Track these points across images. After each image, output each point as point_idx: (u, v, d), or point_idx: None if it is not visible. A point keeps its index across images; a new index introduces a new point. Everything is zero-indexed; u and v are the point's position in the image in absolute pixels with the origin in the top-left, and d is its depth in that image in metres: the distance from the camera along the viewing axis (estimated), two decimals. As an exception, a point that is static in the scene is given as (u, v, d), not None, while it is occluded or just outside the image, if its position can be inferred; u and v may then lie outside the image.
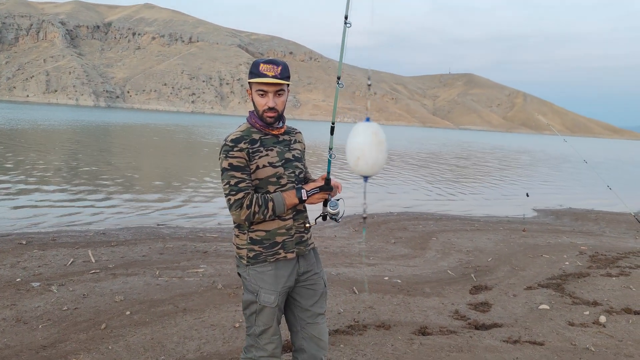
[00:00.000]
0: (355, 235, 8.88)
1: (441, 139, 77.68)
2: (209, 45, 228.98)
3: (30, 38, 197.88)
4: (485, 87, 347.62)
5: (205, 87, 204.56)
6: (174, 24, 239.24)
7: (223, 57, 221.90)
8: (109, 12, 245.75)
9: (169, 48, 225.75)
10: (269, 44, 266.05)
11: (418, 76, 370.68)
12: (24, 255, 6.08)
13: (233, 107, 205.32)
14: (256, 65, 2.41)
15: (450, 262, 7.23)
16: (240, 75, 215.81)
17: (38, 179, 12.80)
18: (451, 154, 37.86)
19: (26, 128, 33.35)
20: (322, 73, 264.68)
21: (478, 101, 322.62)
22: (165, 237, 7.62)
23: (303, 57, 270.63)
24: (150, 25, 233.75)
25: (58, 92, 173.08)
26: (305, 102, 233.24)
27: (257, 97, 2.44)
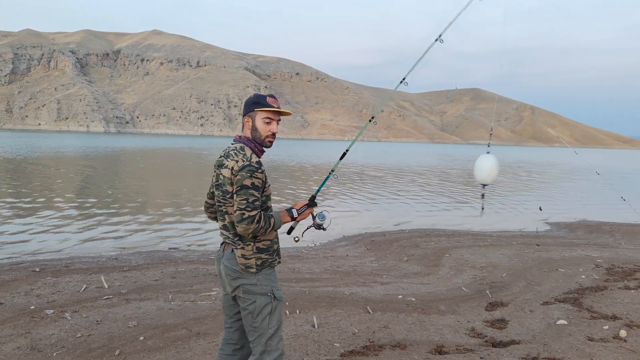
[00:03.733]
0: (367, 254, 8.83)
1: (450, 154, 77.54)
2: (217, 69, 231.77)
3: (42, 67, 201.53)
4: (493, 101, 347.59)
5: (214, 110, 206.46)
6: (182, 49, 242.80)
7: (230, 80, 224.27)
8: (118, 39, 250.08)
9: (177, 73, 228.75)
10: (276, 65, 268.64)
11: (425, 92, 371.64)
12: (38, 282, 6.10)
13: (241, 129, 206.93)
14: (263, 98, 2.85)
15: (464, 279, 7.15)
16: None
17: (50, 205, 12.91)
18: (460, 169, 37.70)
19: (38, 155, 33.77)
20: (329, 92, 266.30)
21: (486, 115, 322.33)
22: (177, 261, 7.62)
23: (309, 77, 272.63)
24: (158, 51, 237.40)
25: (69, 119, 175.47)
26: (313, 122, 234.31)
27: (262, 125, 2.82)
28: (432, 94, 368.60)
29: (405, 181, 25.26)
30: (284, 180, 23.02)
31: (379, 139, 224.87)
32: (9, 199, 13.77)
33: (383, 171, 32.36)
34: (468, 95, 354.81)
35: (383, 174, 29.63)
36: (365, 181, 24.29)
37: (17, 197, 14.22)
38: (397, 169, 35.58)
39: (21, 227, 9.99)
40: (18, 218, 10.96)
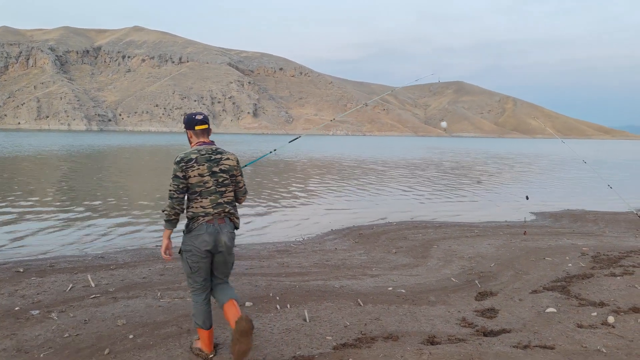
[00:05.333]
0: (356, 247, 8.83)
1: (436, 147, 77.99)
2: (199, 65, 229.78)
3: (20, 65, 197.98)
4: (476, 94, 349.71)
5: (197, 106, 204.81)
6: (164, 45, 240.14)
7: (214, 76, 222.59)
8: (98, 36, 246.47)
9: (160, 69, 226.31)
10: (259, 60, 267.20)
11: (408, 86, 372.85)
12: (22, 283, 5.99)
13: (226, 124, 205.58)
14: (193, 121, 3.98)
15: (453, 270, 7.18)
16: (231, 94, 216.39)
17: (33, 204, 12.69)
18: (448, 161, 37.95)
19: (19, 155, 33.21)
20: (313, 87, 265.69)
21: (469, 108, 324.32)
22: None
23: (293, 72, 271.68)
24: (140, 48, 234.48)
25: (50, 117, 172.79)
26: (298, 117, 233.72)
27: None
28: (416, 88, 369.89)
29: (391, 174, 25.34)
30: (286, 175, 22.96)
31: (364, 133, 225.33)
32: (-10, 199, 13.51)
33: (368, 164, 32.42)
34: (451, 89, 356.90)
35: (369, 167, 29.68)
36: (352, 174, 24.32)
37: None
38: (383, 161, 35.68)
39: (2, 227, 9.80)
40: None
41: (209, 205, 3.72)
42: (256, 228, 10.72)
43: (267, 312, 5.03)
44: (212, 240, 3.69)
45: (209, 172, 3.73)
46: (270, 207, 13.76)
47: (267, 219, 11.96)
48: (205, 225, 3.69)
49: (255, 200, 14.89)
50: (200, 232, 3.70)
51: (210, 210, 3.71)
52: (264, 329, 4.59)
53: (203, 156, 3.75)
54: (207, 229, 3.68)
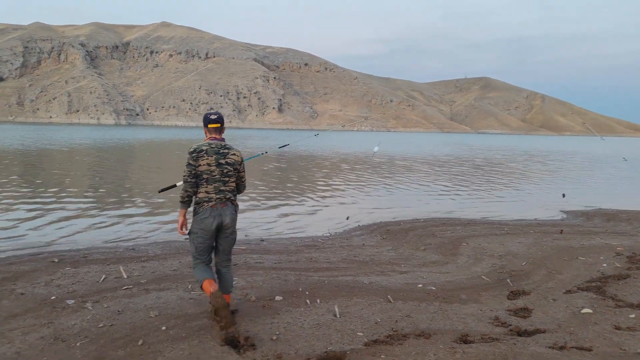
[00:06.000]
0: (383, 243, 8.78)
1: (463, 143, 76.93)
2: (226, 60, 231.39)
3: (52, 61, 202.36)
4: (502, 90, 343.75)
5: (223, 101, 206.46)
6: (191, 41, 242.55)
7: (240, 72, 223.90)
8: (127, 32, 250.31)
9: (186, 64, 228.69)
10: (284, 56, 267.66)
11: (434, 82, 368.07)
12: (57, 273, 6.12)
13: (251, 120, 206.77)
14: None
15: (483, 268, 7.08)
16: (257, 89, 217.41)
17: (66, 196, 12.96)
18: (478, 158, 37.39)
19: (53, 148, 33.99)
20: (338, 83, 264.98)
21: (495, 104, 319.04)
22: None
23: (318, 67, 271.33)
24: (168, 43, 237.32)
25: (80, 112, 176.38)
26: (322, 113, 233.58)
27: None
28: (441, 84, 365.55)
29: (418, 170, 25.10)
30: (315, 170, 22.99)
31: (388, 129, 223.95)
32: (25, 190, 13.85)
33: (396, 160, 32.20)
34: (477, 85, 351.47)
35: (396, 163, 29.48)
36: (379, 170, 24.18)
37: (32, 188, 14.30)
38: (410, 157, 35.38)
39: (38, 218, 10.03)
40: (34, 209, 11.01)
41: (213, 191, 4.39)
42: (283, 222, 10.75)
43: (297, 307, 5.03)
44: (215, 221, 4.37)
45: (215, 163, 4.41)
46: (297, 201, 13.79)
47: (294, 213, 11.97)
48: (209, 210, 4.36)
49: (282, 194, 14.94)
50: (205, 216, 4.36)
51: (213, 195, 4.39)
52: (294, 323, 4.59)
53: (212, 149, 4.44)
54: (211, 212, 4.36)
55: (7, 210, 10.76)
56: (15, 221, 9.70)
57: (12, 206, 11.31)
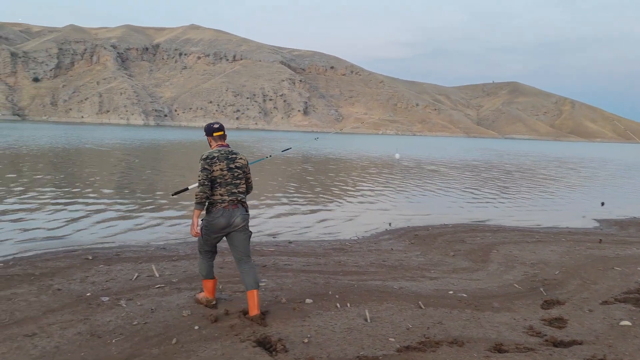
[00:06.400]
0: (412, 248, 8.70)
1: (491, 148, 75.81)
2: (252, 63, 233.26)
3: (85, 62, 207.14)
4: (531, 95, 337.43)
5: (249, 103, 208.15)
6: (219, 43, 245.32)
7: (266, 74, 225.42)
8: (157, 34, 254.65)
9: (214, 67, 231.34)
10: (311, 59, 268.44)
11: (461, 86, 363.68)
12: (92, 270, 6.24)
13: (276, 122, 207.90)
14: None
15: (515, 276, 6.95)
16: (283, 91, 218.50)
17: (97, 194, 13.21)
18: (507, 163, 36.81)
19: (87, 147, 34.74)
20: (363, 86, 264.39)
21: (523, 110, 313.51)
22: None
23: (344, 71, 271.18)
24: (196, 45, 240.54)
25: (110, 112, 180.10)
26: (348, 116, 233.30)
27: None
28: (469, 88, 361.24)
29: (447, 174, 24.83)
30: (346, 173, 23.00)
31: (414, 133, 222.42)
32: (59, 188, 14.18)
33: (424, 164, 31.92)
34: (505, 89, 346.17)
35: (425, 167, 29.23)
36: (407, 174, 24.02)
37: (66, 187, 14.63)
38: (438, 162, 35.03)
39: (71, 216, 10.25)
40: (68, 207, 11.26)
41: (225, 193, 4.70)
42: (310, 225, 10.75)
43: (327, 310, 5.02)
44: (225, 221, 4.67)
45: (227, 167, 4.74)
46: (324, 204, 13.79)
47: (321, 216, 11.97)
48: (221, 210, 4.67)
49: (310, 197, 14.96)
50: (217, 215, 4.68)
51: (226, 197, 4.69)
52: (325, 326, 4.58)
53: (223, 155, 4.79)
54: (222, 213, 4.67)
55: (42, 208, 11.03)
56: (50, 218, 9.94)
57: (47, 204, 11.59)
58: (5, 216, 9.91)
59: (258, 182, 17.85)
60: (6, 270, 6.13)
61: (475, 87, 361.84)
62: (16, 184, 14.50)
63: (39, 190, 13.48)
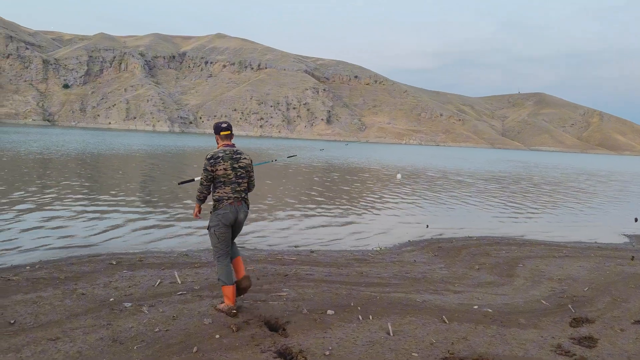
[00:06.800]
0: (435, 260, 8.57)
1: (517, 160, 74.67)
2: (277, 72, 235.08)
3: (114, 69, 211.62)
4: (558, 106, 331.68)
5: (273, 111, 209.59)
6: (244, 52, 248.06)
7: (290, 83, 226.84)
8: (184, 42, 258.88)
9: (239, 75, 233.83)
10: (335, 68, 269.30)
11: (486, 97, 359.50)
12: (115, 275, 6.29)
13: (299, 130, 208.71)
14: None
15: (542, 291, 6.77)
16: (306, 100, 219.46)
17: (121, 200, 13.40)
18: (535, 175, 36.17)
19: (114, 152, 35.37)
20: (387, 96, 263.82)
21: (550, 121, 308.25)
22: (246, 260, 7.65)
23: (368, 80, 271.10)
24: (222, 54, 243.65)
25: (137, 119, 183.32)
26: (371, 125, 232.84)
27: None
28: (493, 98, 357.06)
29: (473, 186, 24.51)
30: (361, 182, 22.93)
31: (437, 143, 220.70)
32: (86, 193, 14.42)
33: (448, 175, 31.58)
34: (531, 100, 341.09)
35: (448, 178, 28.91)
36: (431, 184, 23.78)
37: (93, 191, 14.87)
38: (465, 173, 34.61)
39: (96, 221, 10.40)
40: (93, 212, 11.43)
41: (230, 191, 5.02)
42: (332, 234, 10.69)
43: (349, 322, 4.95)
44: (233, 216, 5.02)
45: (231, 167, 5.01)
46: (346, 213, 13.71)
47: (344, 225, 11.90)
48: (229, 206, 4.99)
49: (333, 206, 14.90)
50: (226, 211, 5.00)
51: (231, 195, 5.01)
52: (347, 339, 4.51)
53: (227, 155, 5.03)
54: (230, 208, 5.00)
55: (69, 212, 11.21)
56: (76, 223, 10.10)
57: (74, 209, 11.78)
58: (33, 220, 10.10)
59: (280, 190, 17.88)
60: (33, 274, 6.23)
61: (500, 98, 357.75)
62: (45, 189, 14.79)
63: (67, 195, 13.72)
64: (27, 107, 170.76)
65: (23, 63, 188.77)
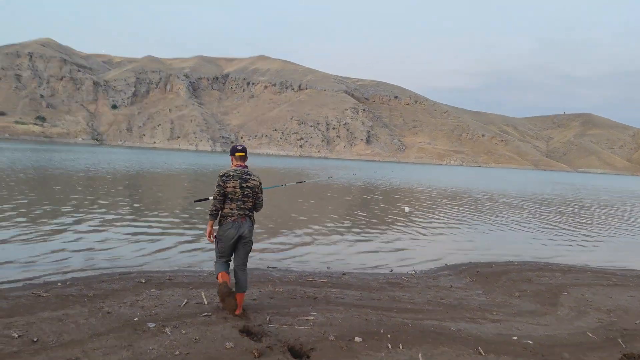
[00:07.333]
0: (473, 286, 8.18)
1: (563, 182, 72.17)
2: (317, 92, 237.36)
3: (159, 90, 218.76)
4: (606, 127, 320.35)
5: (313, 131, 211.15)
6: (285, 73, 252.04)
7: (330, 103, 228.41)
8: (227, 64, 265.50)
9: (280, 96, 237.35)
10: (375, 89, 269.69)
11: (529, 117, 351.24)
12: (143, 294, 6.24)
13: (339, 150, 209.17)
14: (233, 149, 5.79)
15: (588, 323, 6.32)
16: (346, 120, 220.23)
17: (157, 217, 13.53)
18: (585, 198, 34.78)
19: (157, 171, 36.21)
20: (427, 116, 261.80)
21: (597, 142, 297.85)
22: (275, 281, 7.52)
23: (408, 100, 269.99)
24: (263, 75, 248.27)
25: (180, 138, 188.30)
26: (411, 146, 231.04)
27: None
28: (537, 119, 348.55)
29: (518, 207, 23.69)
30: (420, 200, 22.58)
31: (479, 164, 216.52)
32: (126, 210, 14.66)
33: (493, 196, 30.71)
34: (577, 121, 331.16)
35: (494, 200, 28.10)
36: (476, 206, 23.13)
37: (133, 208, 15.12)
38: (509, 195, 33.61)
39: (132, 238, 10.49)
40: (131, 228, 11.55)
41: (235, 208, 5.46)
42: (366, 255, 10.43)
43: (377, 351, 4.70)
44: (235, 232, 5.44)
45: (239, 186, 5.47)
46: (382, 234, 13.40)
47: (379, 246, 11.61)
48: (231, 223, 5.44)
49: (371, 226, 14.61)
50: (228, 227, 5.45)
51: (235, 211, 5.46)
52: (374, 369, 4.26)
53: (237, 174, 5.52)
54: (232, 225, 5.44)
55: (107, 228, 11.38)
56: (112, 239, 10.21)
57: (113, 225, 11.96)
58: (73, 236, 10.27)
59: (318, 209, 17.72)
60: (63, 290, 6.25)
61: (544, 119, 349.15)
62: (93, 205, 15.14)
63: (110, 212, 13.98)
64: (78, 127, 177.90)
65: (75, 85, 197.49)
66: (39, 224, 11.24)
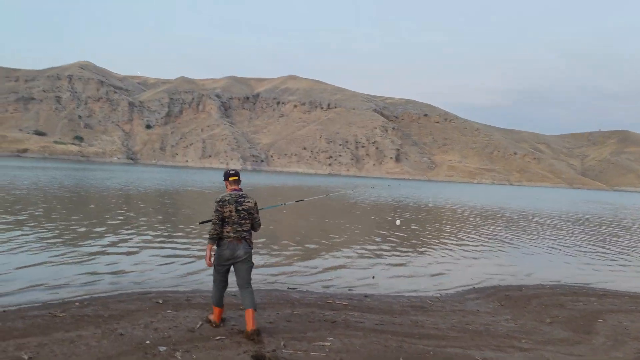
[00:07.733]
0: (501, 310, 7.81)
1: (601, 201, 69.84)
2: (346, 111, 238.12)
3: (192, 110, 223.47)
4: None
5: (342, 150, 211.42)
6: (314, 92, 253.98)
7: (359, 122, 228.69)
8: (258, 84, 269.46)
9: (309, 115, 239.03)
10: (404, 107, 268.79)
11: (562, 134, 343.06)
12: (158, 315, 6.15)
13: (368, 169, 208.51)
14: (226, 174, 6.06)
15: (626, 353, 5.91)
16: (375, 139, 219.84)
17: (179, 236, 13.53)
18: (625, 218, 33.49)
19: (188, 189, 36.65)
20: (457, 134, 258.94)
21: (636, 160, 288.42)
22: (294, 303, 7.33)
23: (438, 118, 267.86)
24: (293, 94, 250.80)
25: (212, 157, 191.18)
26: (441, 164, 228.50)
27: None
28: (571, 136, 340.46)
29: (552, 227, 22.93)
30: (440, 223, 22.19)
31: (511, 182, 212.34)
32: (153, 229, 14.74)
33: (528, 215, 29.88)
34: (614, 138, 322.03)
35: (529, 219, 27.31)
36: (510, 226, 22.49)
37: (161, 227, 15.20)
38: (544, 214, 32.65)
39: (155, 257, 10.47)
40: (156, 248, 11.56)
41: (231, 230, 5.65)
42: (391, 277, 10.14)
43: (395, 381, 4.45)
44: (230, 253, 5.62)
45: (235, 209, 5.68)
46: (408, 254, 13.06)
47: (403, 267, 11.29)
48: (227, 244, 5.63)
49: (397, 246, 14.29)
50: (224, 248, 5.64)
51: (232, 234, 5.64)
52: (390, 401, 4.01)
53: (233, 198, 5.73)
54: (228, 246, 5.63)
55: (133, 248, 11.41)
56: (136, 259, 10.21)
57: (139, 244, 12.00)
58: (96, 254, 10.32)
59: (344, 228, 17.49)
60: (80, 310, 6.22)
61: (579, 136, 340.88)
62: (124, 225, 15.30)
63: (135, 231, 14.07)
64: (113, 146, 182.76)
65: (111, 106, 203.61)
66: (75, 245, 11.35)
